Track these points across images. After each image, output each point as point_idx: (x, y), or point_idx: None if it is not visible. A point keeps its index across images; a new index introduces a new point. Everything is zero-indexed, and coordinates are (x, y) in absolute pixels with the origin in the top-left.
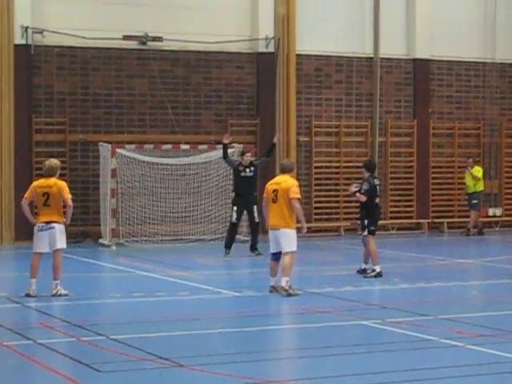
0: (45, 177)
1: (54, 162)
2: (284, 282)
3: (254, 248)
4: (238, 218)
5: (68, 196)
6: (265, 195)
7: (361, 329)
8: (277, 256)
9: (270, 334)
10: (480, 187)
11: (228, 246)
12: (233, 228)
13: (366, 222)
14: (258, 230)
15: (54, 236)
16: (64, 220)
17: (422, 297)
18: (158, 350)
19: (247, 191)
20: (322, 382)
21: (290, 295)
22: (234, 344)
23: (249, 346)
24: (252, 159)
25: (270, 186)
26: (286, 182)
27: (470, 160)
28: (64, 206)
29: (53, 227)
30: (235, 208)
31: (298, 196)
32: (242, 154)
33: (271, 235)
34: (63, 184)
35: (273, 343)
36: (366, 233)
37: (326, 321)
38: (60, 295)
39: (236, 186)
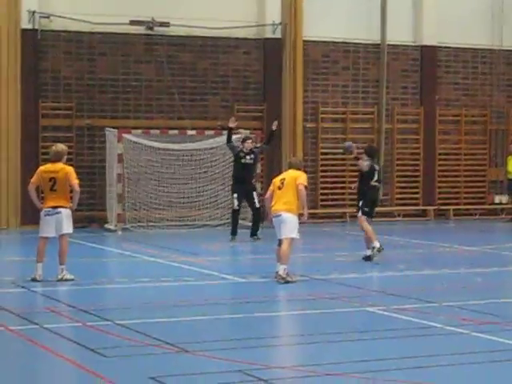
0: (51, 162)
1: (61, 146)
2: (281, 269)
3: (253, 233)
4: (239, 205)
5: (75, 181)
6: (270, 187)
7: (365, 315)
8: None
9: (274, 320)
10: None
11: (233, 233)
12: (235, 215)
13: (360, 203)
14: (258, 215)
15: (60, 221)
16: (71, 205)
17: (427, 284)
18: (164, 335)
19: (247, 178)
20: (326, 369)
21: (287, 282)
22: (239, 330)
23: (253, 331)
24: (253, 146)
25: (278, 177)
26: (295, 173)
27: None
28: (71, 191)
29: (59, 212)
30: (235, 195)
31: (306, 184)
32: (243, 140)
33: (275, 222)
34: (70, 169)
35: (277, 329)
36: (359, 214)
37: (331, 307)
38: (66, 280)
39: (236, 172)
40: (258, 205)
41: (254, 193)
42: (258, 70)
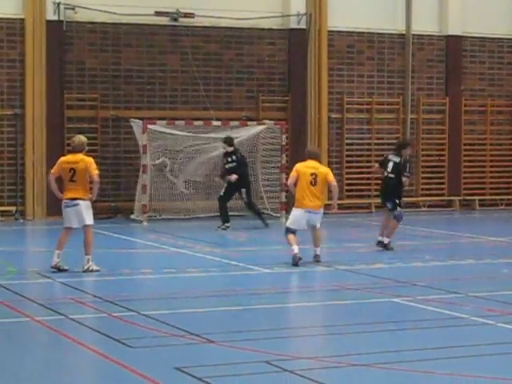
0: (72, 153)
1: (82, 137)
2: (319, 251)
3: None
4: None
5: (95, 172)
6: (295, 174)
7: (391, 306)
8: (295, 231)
9: (299, 311)
10: None
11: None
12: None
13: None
14: (251, 209)
15: (80, 212)
16: (90, 196)
17: (453, 274)
18: (189, 326)
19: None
20: (351, 359)
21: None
22: (264, 320)
23: (278, 322)
24: (232, 149)
25: (306, 168)
26: (322, 168)
27: None
28: (91, 182)
29: (77, 204)
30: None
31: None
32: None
33: (303, 215)
34: (90, 160)
35: (302, 320)
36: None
37: (357, 298)
38: (91, 271)
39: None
40: (246, 200)
41: (243, 190)
42: (282, 61)
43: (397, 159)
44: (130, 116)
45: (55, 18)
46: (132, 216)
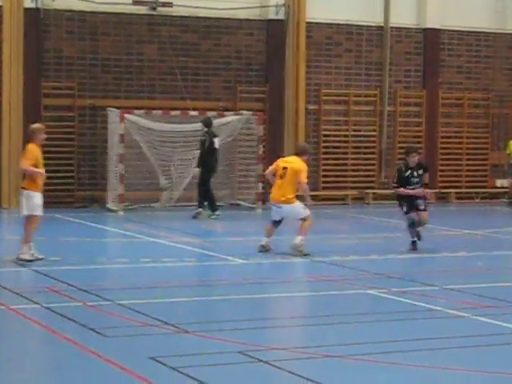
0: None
1: (32, 126)
2: (298, 239)
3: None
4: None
5: (24, 161)
6: (274, 167)
7: (366, 298)
8: (277, 223)
9: (275, 302)
10: None
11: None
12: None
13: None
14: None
15: (21, 202)
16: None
17: (428, 267)
18: (165, 315)
19: None
20: (326, 350)
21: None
22: (240, 311)
23: (254, 312)
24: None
25: (282, 162)
26: (297, 163)
27: None
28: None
29: (21, 192)
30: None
31: (306, 180)
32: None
33: (274, 210)
34: (27, 148)
35: (278, 311)
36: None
37: (332, 289)
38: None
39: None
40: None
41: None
42: (260, 52)
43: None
44: (107, 105)
45: (33, 5)
46: (108, 205)
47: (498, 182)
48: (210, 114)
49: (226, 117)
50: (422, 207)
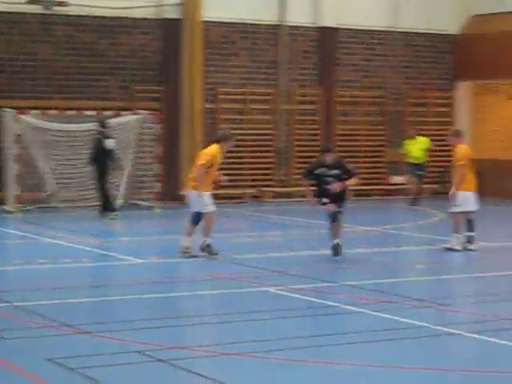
0: None
1: None
2: (201, 241)
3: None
4: None
5: None
6: None
7: (265, 295)
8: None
9: (173, 301)
10: (425, 158)
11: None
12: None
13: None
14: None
15: None
16: None
17: (325, 263)
18: (63, 317)
19: None
20: (226, 348)
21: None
22: (139, 310)
23: (153, 312)
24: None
25: None
26: (206, 149)
27: (413, 130)
28: None
29: None
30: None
31: (203, 162)
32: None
33: None
34: None
35: (175, 310)
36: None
37: (231, 287)
38: None
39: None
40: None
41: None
42: (157, 51)
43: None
44: (2, 105)
45: None
46: (5, 207)
47: (394, 179)
48: (106, 113)
49: (123, 116)
50: (340, 210)
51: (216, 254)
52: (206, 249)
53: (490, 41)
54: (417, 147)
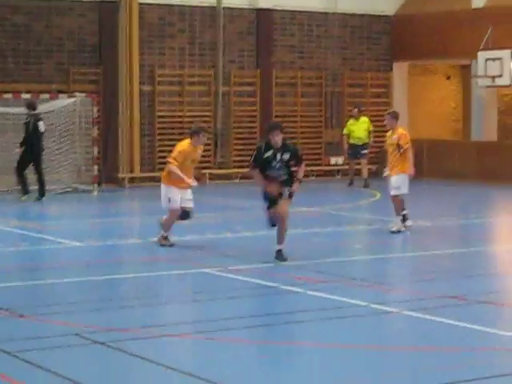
0: None
1: None
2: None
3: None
4: None
5: None
6: None
7: (202, 276)
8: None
9: (111, 283)
10: (368, 138)
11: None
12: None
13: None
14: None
15: None
16: None
17: (264, 244)
18: None
19: None
20: (163, 330)
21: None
22: (77, 293)
23: (89, 295)
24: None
25: None
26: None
27: (356, 110)
28: None
29: None
30: None
31: (172, 156)
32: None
33: None
34: None
35: (114, 292)
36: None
37: (169, 269)
38: None
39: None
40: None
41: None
42: (93, 33)
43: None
44: None
45: None
46: None
47: (333, 160)
48: (42, 96)
49: (59, 99)
50: (285, 193)
51: (172, 246)
52: (163, 241)
53: (426, 21)
54: (360, 127)
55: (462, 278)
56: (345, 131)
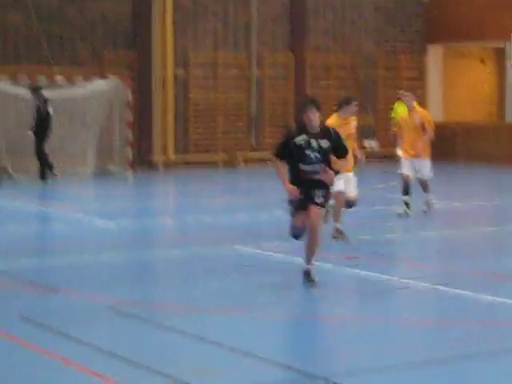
0: None
1: None
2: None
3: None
4: None
5: None
6: None
7: (235, 254)
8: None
9: (146, 261)
10: None
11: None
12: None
13: None
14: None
15: None
16: None
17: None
18: (35, 278)
19: None
20: (200, 303)
21: None
22: (111, 271)
23: (125, 272)
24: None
25: None
26: None
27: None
28: None
29: None
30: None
31: None
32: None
33: None
34: None
35: (150, 269)
36: None
37: (203, 247)
38: None
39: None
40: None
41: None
42: (127, 16)
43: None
44: None
45: None
46: None
47: (366, 143)
48: (76, 79)
49: (93, 83)
50: (318, 198)
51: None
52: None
53: (460, 3)
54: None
55: (495, 255)
56: (393, 114)
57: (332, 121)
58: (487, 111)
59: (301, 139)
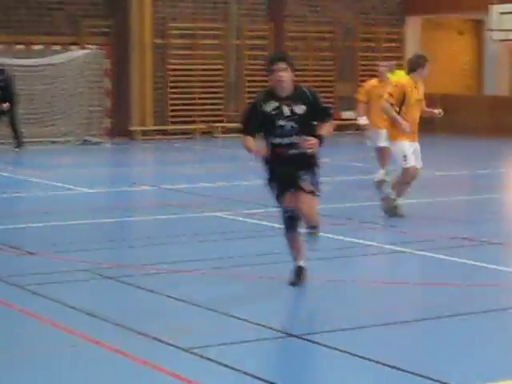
0: None
1: None
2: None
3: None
4: None
5: None
6: None
7: (215, 220)
8: None
9: (123, 225)
10: None
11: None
12: None
13: None
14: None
15: None
16: None
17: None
18: (9, 240)
19: None
20: (176, 266)
21: None
22: (87, 234)
23: (102, 236)
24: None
25: None
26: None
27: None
28: None
29: None
30: None
31: (386, 95)
32: None
33: None
34: None
35: (126, 233)
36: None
37: (180, 213)
38: None
39: None
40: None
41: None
42: None
43: None
44: None
45: None
46: None
47: (345, 114)
48: (54, 48)
49: (70, 51)
50: (306, 184)
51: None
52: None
53: None
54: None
55: (471, 222)
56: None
57: (405, 80)
58: (465, 83)
59: (270, 106)
